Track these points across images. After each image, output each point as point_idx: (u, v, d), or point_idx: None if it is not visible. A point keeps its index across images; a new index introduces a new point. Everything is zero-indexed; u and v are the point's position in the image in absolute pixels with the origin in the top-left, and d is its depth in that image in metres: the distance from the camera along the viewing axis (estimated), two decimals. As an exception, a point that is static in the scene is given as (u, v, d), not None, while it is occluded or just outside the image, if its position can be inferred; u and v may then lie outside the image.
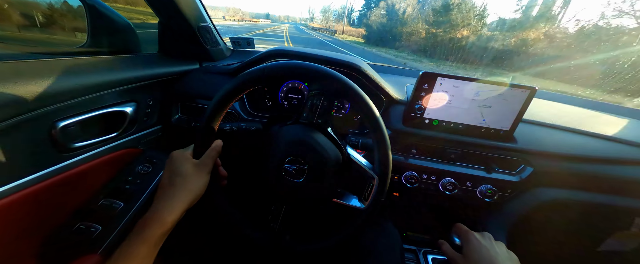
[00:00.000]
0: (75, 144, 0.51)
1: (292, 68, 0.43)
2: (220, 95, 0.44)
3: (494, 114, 0.65)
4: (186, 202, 0.40)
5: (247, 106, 0.78)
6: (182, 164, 0.42)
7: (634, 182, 0.65)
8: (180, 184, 0.40)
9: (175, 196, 0.39)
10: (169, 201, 0.39)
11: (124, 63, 0.63)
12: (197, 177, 0.42)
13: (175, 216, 0.38)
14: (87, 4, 0.64)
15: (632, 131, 0.74)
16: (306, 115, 0.50)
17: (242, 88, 0.44)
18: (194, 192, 0.41)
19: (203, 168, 0.43)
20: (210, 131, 0.45)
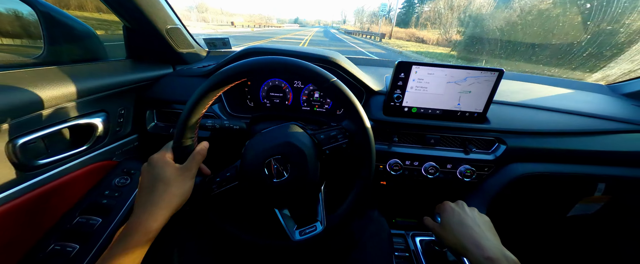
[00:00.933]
0: (39, 161, 0.48)
1: (270, 63, 0.42)
2: (196, 94, 0.42)
3: (468, 97, 0.67)
4: (169, 208, 0.38)
5: (226, 107, 0.76)
6: (163, 169, 0.40)
7: (595, 151, 0.71)
8: (162, 190, 0.38)
9: (158, 203, 0.37)
10: (150, 207, 0.37)
11: (88, 71, 0.59)
12: (180, 182, 0.40)
13: (158, 223, 0.37)
14: (40, 11, 0.59)
15: (591, 104, 0.80)
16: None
17: (222, 84, 0.42)
18: (178, 197, 0.39)
19: (187, 173, 0.41)
20: (189, 131, 0.43)
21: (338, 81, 0.43)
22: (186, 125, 0.42)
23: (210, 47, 0.99)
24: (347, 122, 0.49)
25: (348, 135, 0.49)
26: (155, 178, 0.39)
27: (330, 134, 0.49)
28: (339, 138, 0.49)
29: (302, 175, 0.46)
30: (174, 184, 0.39)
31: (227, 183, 0.47)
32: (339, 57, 0.72)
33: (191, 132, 0.44)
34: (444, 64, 0.64)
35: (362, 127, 0.45)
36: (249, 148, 0.49)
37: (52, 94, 0.48)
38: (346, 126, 0.49)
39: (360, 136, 0.46)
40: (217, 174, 0.48)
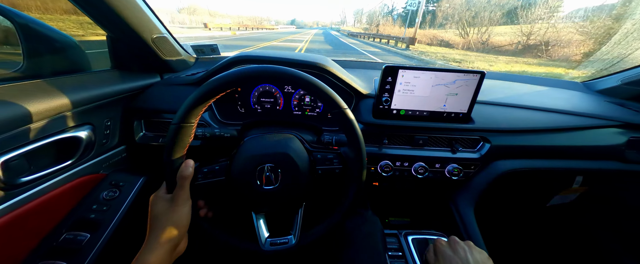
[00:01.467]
0: (22, 179, 0.47)
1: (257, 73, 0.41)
2: (175, 120, 0.41)
3: (453, 99, 0.70)
4: (165, 244, 0.39)
5: (216, 114, 0.76)
6: (155, 207, 0.41)
7: (572, 146, 0.75)
8: (156, 228, 0.40)
9: (153, 241, 0.39)
10: (147, 247, 0.38)
11: (71, 83, 0.58)
12: (171, 213, 0.41)
13: (156, 257, 0.38)
14: (18, 23, 0.57)
15: (568, 101, 0.85)
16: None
17: (199, 103, 0.41)
18: (171, 228, 0.40)
19: (176, 202, 0.41)
20: (177, 160, 0.43)
21: (349, 111, 0.45)
22: (172, 150, 0.42)
23: (199, 54, 0.98)
24: (347, 150, 0.49)
25: (343, 162, 0.49)
26: (152, 218, 0.41)
27: (328, 156, 0.50)
28: (335, 162, 0.49)
29: (291, 188, 0.47)
30: (164, 217, 0.40)
31: (213, 176, 0.47)
32: (327, 63, 0.74)
33: (180, 155, 0.43)
34: (428, 67, 0.67)
35: (359, 160, 0.46)
36: (245, 148, 0.49)
37: (34, 108, 0.47)
38: (344, 153, 0.49)
39: (355, 168, 0.47)
40: (205, 164, 0.48)
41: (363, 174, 0.48)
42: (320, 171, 0.49)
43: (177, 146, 0.42)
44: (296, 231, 0.49)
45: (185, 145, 0.43)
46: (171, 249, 0.40)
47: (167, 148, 0.41)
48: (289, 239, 0.48)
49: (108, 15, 0.58)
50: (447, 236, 0.72)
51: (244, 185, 0.46)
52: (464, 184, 0.76)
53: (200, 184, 0.46)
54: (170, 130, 0.41)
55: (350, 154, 0.48)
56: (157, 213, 0.41)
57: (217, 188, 0.47)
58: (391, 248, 0.70)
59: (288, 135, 0.53)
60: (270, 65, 0.42)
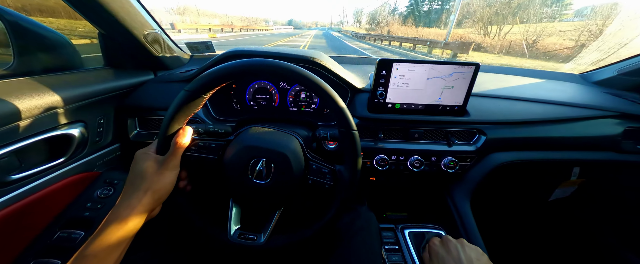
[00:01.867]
0: (12, 176, 0.46)
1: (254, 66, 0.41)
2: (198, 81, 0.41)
3: (448, 92, 0.70)
4: (147, 204, 0.38)
5: (211, 111, 0.75)
6: (143, 164, 0.40)
7: (568, 137, 0.75)
8: (139, 185, 0.38)
9: (134, 197, 0.37)
10: (127, 201, 0.37)
11: (63, 81, 0.57)
12: (159, 176, 0.40)
13: (136, 215, 0.37)
14: (7, 20, 0.56)
15: (564, 93, 0.85)
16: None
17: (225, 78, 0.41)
18: (156, 192, 0.39)
19: (165, 166, 0.41)
20: (177, 122, 0.42)
21: (357, 133, 0.45)
22: (175, 114, 0.41)
23: (193, 51, 0.98)
24: (342, 169, 0.49)
25: (336, 180, 0.49)
26: (135, 173, 0.39)
27: (322, 169, 0.49)
28: (327, 178, 0.49)
29: (278, 188, 0.46)
30: (150, 179, 0.39)
31: (206, 152, 0.46)
32: (322, 57, 0.73)
33: (179, 123, 0.43)
34: (423, 60, 0.66)
35: (351, 184, 0.47)
36: (246, 136, 0.49)
37: (22, 106, 0.46)
38: (338, 172, 0.49)
39: (344, 190, 0.47)
40: (201, 138, 0.48)
41: (350, 198, 0.47)
42: (310, 181, 0.49)
43: (181, 113, 0.41)
44: (267, 231, 0.48)
45: (188, 115, 0.43)
46: (149, 211, 0.39)
47: (171, 111, 0.41)
48: (257, 236, 0.47)
49: (98, 11, 0.58)
50: (444, 229, 0.72)
51: (234, 172, 0.46)
52: (460, 177, 0.76)
53: (191, 155, 0.46)
54: (180, 94, 0.41)
55: (344, 174, 0.48)
56: (145, 170, 0.39)
57: (205, 165, 0.47)
58: (388, 241, 0.70)
59: (291, 136, 0.52)
60: (295, 65, 0.42)
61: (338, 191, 0.48)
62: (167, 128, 0.42)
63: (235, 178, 0.46)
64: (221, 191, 0.50)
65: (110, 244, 0.34)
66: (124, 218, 0.36)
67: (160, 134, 0.42)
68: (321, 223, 0.47)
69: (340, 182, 0.47)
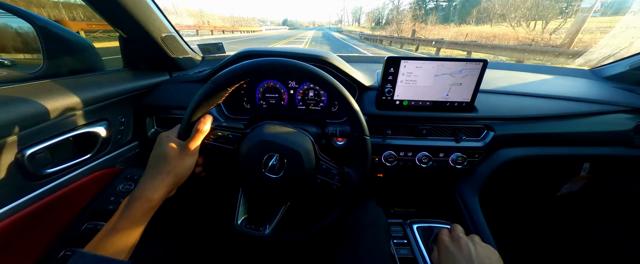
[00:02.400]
0: (47, 170, 0.50)
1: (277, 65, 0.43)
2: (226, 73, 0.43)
3: (456, 88, 0.70)
4: (168, 184, 0.41)
5: (224, 110, 0.78)
6: (165, 146, 0.42)
7: (579, 133, 0.74)
8: (162, 167, 0.41)
9: (157, 177, 0.40)
10: (150, 181, 0.40)
11: (88, 82, 0.61)
12: (180, 160, 0.42)
13: (158, 194, 0.39)
14: (38, 25, 0.60)
15: (574, 88, 0.84)
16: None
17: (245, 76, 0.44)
18: (176, 175, 0.42)
19: (186, 151, 0.43)
20: (198, 112, 0.45)
21: (368, 139, 0.47)
22: (200, 102, 0.43)
23: (205, 53, 1.01)
24: (351, 171, 0.50)
25: (344, 181, 0.50)
26: (158, 155, 0.42)
27: (332, 170, 0.50)
28: (335, 179, 0.50)
29: (288, 184, 0.48)
30: (172, 162, 0.41)
31: (224, 142, 0.49)
32: (332, 56, 0.75)
33: (201, 112, 0.45)
34: (431, 57, 0.67)
35: (359, 186, 0.48)
36: (262, 130, 0.50)
37: (55, 105, 0.50)
38: (347, 174, 0.50)
39: (352, 189, 0.49)
40: (221, 127, 0.50)
41: (354, 200, 0.49)
42: (319, 180, 0.50)
43: (206, 102, 0.44)
44: (273, 224, 0.50)
45: (211, 105, 0.45)
46: (170, 191, 0.42)
47: (196, 99, 0.43)
48: (263, 228, 0.49)
49: (120, 14, 0.61)
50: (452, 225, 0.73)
51: (248, 163, 0.48)
52: (468, 173, 0.77)
53: (209, 144, 0.48)
54: (206, 85, 0.43)
55: (352, 177, 0.49)
56: (167, 153, 0.41)
57: (221, 154, 0.49)
58: (396, 236, 0.71)
59: (305, 135, 0.53)
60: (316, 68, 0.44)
61: (344, 191, 0.49)
62: (190, 115, 0.44)
63: (248, 169, 0.48)
64: (233, 180, 0.52)
65: (134, 220, 0.37)
66: (147, 196, 0.38)
67: (183, 120, 0.44)
68: (326, 221, 0.49)
69: (348, 185, 0.49)
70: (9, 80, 0.52)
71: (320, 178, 0.50)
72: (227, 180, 0.62)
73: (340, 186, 0.50)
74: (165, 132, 0.45)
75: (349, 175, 0.50)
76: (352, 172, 0.50)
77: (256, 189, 0.50)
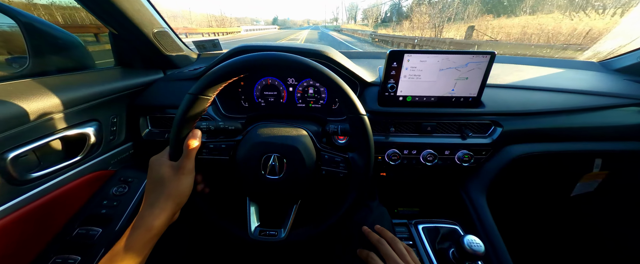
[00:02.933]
0: (32, 174, 0.47)
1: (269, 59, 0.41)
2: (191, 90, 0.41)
3: (461, 82, 0.67)
4: (169, 209, 0.39)
5: (220, 108, 0.75)
6: (159, 170, 0.41)
7: (590, 127, 0.71)
8: (159, 192, 0.39)
9: (156, 205, 0.39)
10: (149, 209, 0.39)
11: (76, 81, 0.58)
12: (176, 181, 0.40)
13: (160, 221, 0.38)
14: (21, 22, 0.57)
15: (584, 81, 0.81)
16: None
17: (221, 79, 0.41)
18: (176, 197, 0.40)
19: (181, 171, 0.41)
20: (184, 129, 0.43)
21: (366, 118, 0.44)
22: (183, 119, 0.41)
23: (200, 50, 0.98)
24: (355, 156, 0.48)
25: (350, 167, 0.48)
26: (153, 181, 0.40)
27: (335, 159, 0.48)
28: (341, 167, 0.48)
29: (292, 182, 0.46)
30: (169, 185, 0.40)
31: (218, 154, 0.47)
32: (332, 52, 0.72)
33: (188, 127, 0.43)
34: (435, 50, 0.64)
35: (366, 170, 0.45)
36: (254, 133, 0.49)
37: (39, 105, 0.47)
38: (352, 159, 0.48)
39: (359, 177, 0.46)
40: (211, 140, 0.48)
41: (366, 185, 0.46)
42: (324, 171, 0.48)
43: (188, 116, 0.41)
44: (287, 226, 0.48)
45: (196, 117, 0.43)
46: (172, 216, 0.40)
47: (178, 116, 0.41)
48: (278, 232, 0.47)
49: (109, 10, 0.58)
50: (459, 225, 0.70)
51: (247, 170, 0.46)
52: (475, 171, 0.74)
53: (204, 158, 0.46)
54: (185, 99, 0.41)
55: (358, 161, 0.47)
56: (162, 177, 0.40)
57: (217, 166, 0.47)
58: (401, 237, 0.69)
59: (300, 130, 0.51)
60: (298, 56, 0.41)
61: (353, 179, 0.47)
62: (177, 133, 0.42)
63: (249, 176, 0.46)
64: (237, 190, 0.50)
65: (136, 249, 0.36)
66: (148, 224, 0.37)
67: (171, 139, 0.42)
68: (340, 212, 0.47)
69: (355, 170, 0.47)
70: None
71: (325, 169, 0.48)
72: (232, 190, 0.61)
73: (347, 173, 0.47)
74: (155, 156, 0.43)
75: (354, 160, 0.47)
76: (356, 157, 0.47)
77: (261, 194, 0.49)
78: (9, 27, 0.57)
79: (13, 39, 0.57)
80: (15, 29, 0.57)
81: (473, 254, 0.49)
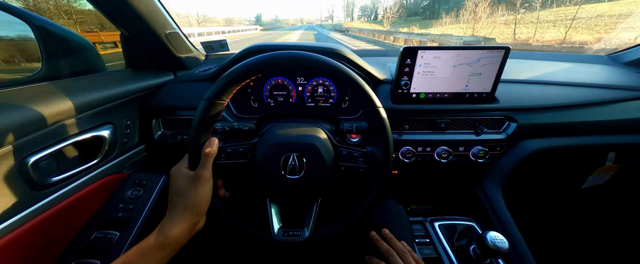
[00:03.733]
0: (52, 178, 0.47)
1: (282, 58, 0.41)
2: (207, 96, 0.41)
3: (475, 78, 0.67)
4: (188, 220, 0.39)
5: (232, 109, 0.75)
6: (178, 180, 0.41)
7: (603, 121, 0.71)
8: (178, 203, 0.40)
9: (175, 213, 0.39)
10: (169, 218, 0.39)
11: (89, 84, 0.58)
12: (193, 192, 0.40)
13: (177, 231, 0.38)
14: (35, 25, 0.57)
15: (595, 75, 0.81)
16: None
17: (235, 82, 0.42)
18: (194, 207, 0.40)
19: (199, 180, 0.41)
20: (202, 136, 0.43)
21: (382, 109, 0.44)
22: (200, 125, 0.41)
23: (208, 51, 0.98)
24: (374, 149, 0.48)
25: (369, 161, 0.48)
26: (173, 191, 0.41)
27: (353, 154, 0.48)
28: (360, 162, 0.48)
29: (313, 180, 0.46)
30: (187, 195, 0.40)
31: (236, 158, 0.47)
32: (344, 50, 0.72)
33: (205, 133, 0.43)
34: (449, 46, 0.64)
35: (386, 163, 0.45)
36: (271, 134, 0.48)
37: (56, 109, 0.47)
38: (370, 153, 0.48)
39: (380, 171, 0.46)
40: (228, 144, 0.47)
41: (387, 178, 0.46)
42: (343, 167, 0.48)
43: (204, 123, 0.41)
44: (310, 225, 0.47)
45: (212, 123, 0.43)
46: (192, 225, 0.40)
47: (195, 123, 0.41)
48: (301, 231, 0.47)
49: (123, 10, 0.58)
50: (475, 221, 0.70)
51: (267, 171, 0.46)
52: (490, 167, 0.74)
53: (222, 163, 0.46)
54: (200, 105, 0.41)
55: (377, 155, 0.46)
56: (180, 188, 0.40)
57: (236, 170, 0.47)
58: (418, 235, 0.68)
59: (316, 127, 0.51)
60: (313, 54, 0.41)
61: (374, 174, 0.47)
62: (194, 141, 0.42)
63: (269, 177, 0.46)
64: (256, 192, 0.50)
65: (151, 257, 0.36)
66: (166, 233, 0.38)
67: (189, 147, 0.42)
68: (363, 207, 0.46)
69: (375, 164, 0.46)
70: (7, 83, 0.49)
71: (344, 165, 0.48)
72: (252, 193, 0.60)
73: (367, 167, 0.47)
74: (175, 166, 0.44)
75: (373, 153, 0.47)
76: (375, 150, 0.47)
77: (282, 195, 0.48)
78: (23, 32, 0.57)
79: (28, 42, 0.57)
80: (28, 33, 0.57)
81: (497, 251, 0.49)
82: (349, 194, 0.65)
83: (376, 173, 0.46)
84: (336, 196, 0.63)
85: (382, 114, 0.44)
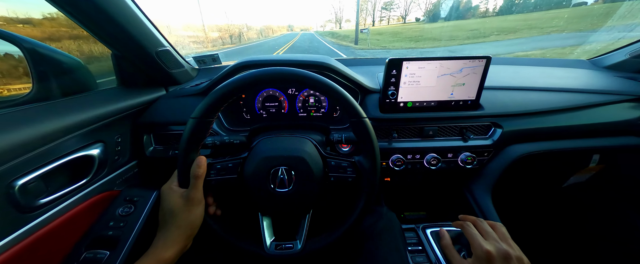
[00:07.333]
0: (40, 200, 0.47)
1: (266, 75, 0.42)
2: (195, 114, 0.42)
3: (460, 86, 0.69)
4: (180, 239, 0.40)
5: (223, 122, 0.76)
6: (169, 199, 0.41)
7: (586, 124, 0.73)
8: (170, 222, 0.40)
9: (168, 234, 0.40)
10: (162, 239, 0.39)
11: (80, 103, 0.58)
12: (186, 212, 0.41)
13: (170, 253, 0.38)
14: (25, 48, 0.58)
15: (577, 80, 0.83)
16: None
17: (222, 100, 0.42)
18: (187, 228, 0.40)
19: (192, 201, 0.42)
20: (191, 154, 0.43)
21: (367, 120, 0.45)
22: (189, 144, 0.42)
23: (200, 65, 0.99)
24: (361, 158, 0.49)
25: (358, 171, 0.48)
26: (165, 211, 0.41)
27: (342, 164, 0.49)
28: (348, 172, 0.48)
29: (303, 193, 0.47)
30: (180, 215, 0.40)
31: (226, 174, 0.47)
32: (332, 61, 0.74)
33: (195, 151, 0.44)
34: (432, 57, 0.66)
35: (374, 172, 0.46)
36: (259, 149, 0.49)
37: (45, 131, 0.47)
38: (358, 163, 0.49)
39: (368, 180, 0.47)
40: (217, 160, 0.48)
41: (375, 187, 0.47)
42: (332, 178, 0.49)
43: (193, 141, 0.42)
44: (302, 236, 0.48)
45: (201, 140, 0.44)
46: (183, 245, 0.41)
47: (183, 142, 0.42)
48: (294, 244, 0.47)
49: (114, 32, 0.59)
50: None
51: (257, 185, 0.46)
52: (478, 172, 0.75)
53: (212, 180, 0.46)
54: (188, 123, 0.41)
55: (364, 164, 0.47)
56: (173, 208, 0.41)
57: (227, 185, 0.47)
58: (410, 242, 0.69)
59: (304, 139, 0.52)
60: (295, 68, 0.42)
61: (362, 183, 0.47)
62: (183, 159, 0.42)
63: (259, 191, 0.47)
64: (247, 206, 0.50)
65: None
66: (159, 255, 0.38)
67: (178, 166, 0.43)
68: (354, 216, 0.47)
69: (364, 173, 0.47)
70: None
71: (333, 175, 0.49)
72: (243, 207, 0.61)
73: (355, 177, 0.48)
74: (165, 185, 0.44)
75: (361, 163, 0.48)
76: (363, 159, 0.48)
77: (273, 208, 0.49)
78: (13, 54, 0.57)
79: (17, 65, 0.58)
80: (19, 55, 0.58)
81: None
82: (340, 204, 0.65)
83: (364, 182, 0.47)
84: (328, 207, 0.63)
85: (367, 124, 0.45)
